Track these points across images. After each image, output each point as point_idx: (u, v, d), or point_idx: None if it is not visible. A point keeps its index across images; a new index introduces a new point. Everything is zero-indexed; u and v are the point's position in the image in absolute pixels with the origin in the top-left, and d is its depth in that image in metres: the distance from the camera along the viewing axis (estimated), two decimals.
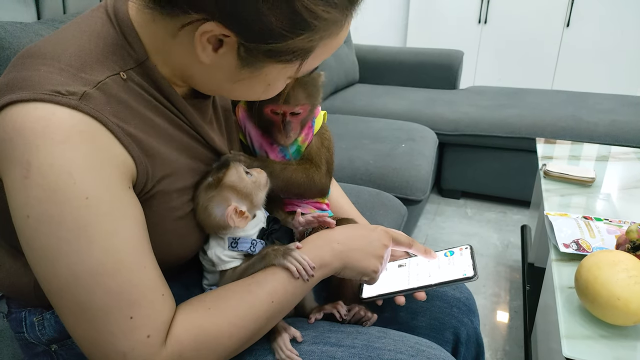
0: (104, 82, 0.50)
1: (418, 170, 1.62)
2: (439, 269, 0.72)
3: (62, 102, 0.46)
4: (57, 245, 0.46)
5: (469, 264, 0.71)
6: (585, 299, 0.74)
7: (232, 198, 0.62)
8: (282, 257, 0.60)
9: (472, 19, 3.50)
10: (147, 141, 0.53)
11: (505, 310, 1.63)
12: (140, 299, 0.50)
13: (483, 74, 3.60)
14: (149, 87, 0.55)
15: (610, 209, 1.15)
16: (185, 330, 0.53)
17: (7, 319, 0.65)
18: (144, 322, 0.50)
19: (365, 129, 1.96)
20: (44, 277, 0.48)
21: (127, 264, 0.49)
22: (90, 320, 0.48)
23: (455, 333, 0.78)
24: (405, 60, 2.83)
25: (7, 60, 0.85)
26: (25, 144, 0.45)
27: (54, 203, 0.45)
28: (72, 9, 1.19)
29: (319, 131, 0.78)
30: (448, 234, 2.09)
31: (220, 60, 0.52)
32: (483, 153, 2.22)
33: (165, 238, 0.58)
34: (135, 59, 0.54)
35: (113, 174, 0.49)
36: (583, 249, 0.90)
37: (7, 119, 0.46)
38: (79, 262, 0.46)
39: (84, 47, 0.51)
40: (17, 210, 0.47)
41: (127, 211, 0.50)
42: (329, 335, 0.66)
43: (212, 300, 0.57)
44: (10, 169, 0.46)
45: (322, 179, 0.77)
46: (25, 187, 0.45)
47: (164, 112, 0.57)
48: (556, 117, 2.12)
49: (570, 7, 3.25)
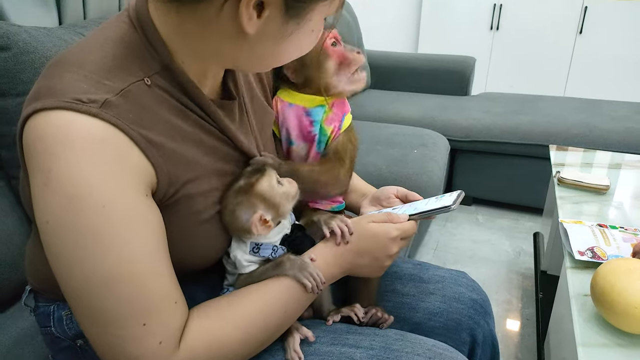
0: (127, 89, 0.50)
1: (430, 176, 1.62)
2: (426, 205, 0.73)
3: (82, 109, 0.46)
4: (73, 252, 0.47)
5: (452, 199, 0.71)
6: (602, 307, 0.74)
7: (260, 206, 0.62)
8: (299, 270, 0.62)
9: (484, 25, 3.50)
10: (170, 146, 0.54)
11: (517, 317, 1.63)
12: (153, 307, 0.50)
13: (495, 80, 3.60)
14: (175, 91, 0.55)
15: (624, 217, 1.14)
16: (198, 337, 0.54)
17: (35, 313, 0.67)
18: (156, 329, 0.51)
19: (378, 135, 1.96)
20: (60, 279, 0.50)
21: (141, 272, 0.50)
22: (103, 325, 0.49)
23: (471, 334, 0.78)
24: (417, 66, 2.83)
25: (33, 63, 0.87)
26: (46, 151, 0.46)
27: (71, 211, 0.46)
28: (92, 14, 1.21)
29: (347, 129, 0.79)
30: (459, 240, 2.09)
31: (266, 24, 0.52)
32: (495, 159, 2.22)
33: (191, 241, 0.59)
34: (159, 62, 0.54)
35: (131, 182, 0.49)
36: (598, 256, 0.90)
37: (32, 126, 0.47)
38: (92, 269, 0.47)
39: (108, 54, 0.52)
40: (38, 215, 0.48)
41: (144, 219, 0.50)
42: (347, 337, 0.67)
43: (226, 307, 0.58)
44: (34, 176, 0.48)
45: (345, 175, 0.78)
46: (45, 194, 0.47)
47: (190, 116, 0.57)
48: (569, 124, 2.11)
49: (584, 14, 3.24)
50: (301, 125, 0.77)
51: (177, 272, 0.55)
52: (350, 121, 0.80)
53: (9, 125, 0.87)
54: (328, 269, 0.65)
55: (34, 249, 0.64)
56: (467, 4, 3.49)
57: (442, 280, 0.82)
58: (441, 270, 0.85)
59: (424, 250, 2.00)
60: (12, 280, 0.87)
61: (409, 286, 0.81)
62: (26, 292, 0.68)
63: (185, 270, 0.55)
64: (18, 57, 0.86)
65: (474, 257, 1.95)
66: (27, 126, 0.48)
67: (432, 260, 1.93)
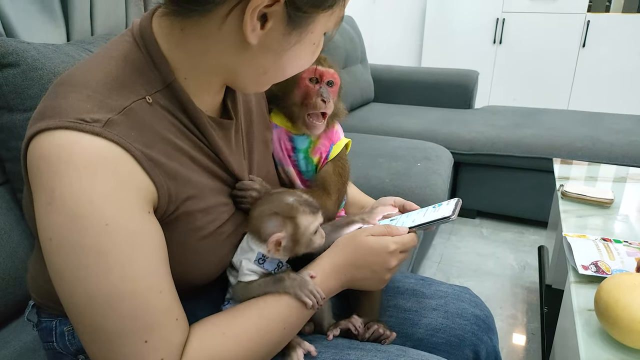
0: (129, 108, 0.51)
1: (433, 189, 1.63)
2: (424, 216, 0.73)
3: (86, 129, 0.47)
4: (76, 270, 0.48)
5: (451, 209, 0.70)
6: (606, 322, 0.74)
7: (287, 231, 0.63)
8: (299, 288, 0.62)
9: (487, 39, 3.52)
10: (170, 164, 0.54)
11: (522, 332, 1.61)
12: (155, 323, 0.51)
13: (498, 94, 3.61)
14: (175, 110, 0.56)
15: (629, 231, 1.14)
16: (199, 354, 0.54)
17: (37, 328, 0.67)
18: (158, 346, 0.51)
19: (381, 148, 1.97)
20: (63, 297, 0.50)
21: (143, 290, 0.50)
22: (105, 342, 0.49)
23: (474, 351, 0.78)
24: (420, 79, 2.85)
25: (40, 79, 0.88)
26: (50, 170, 0.47)
27: (74, 229, 0.47)
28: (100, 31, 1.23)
29: (335, 158, 0.79)
30: (463, 253, 2.08)
31: (268, 35, 0.52)
32: (499, 173, 2.22)
33: (192, 257, 0.60)
34: (161, 81, 0.55)
35: (134, 199, 0.50)
36: (602, 271, 0.90)
37: (36, 146, 0.48)
38: (95, 287, 0.48)
39: (111, 73, 0.53)
40: (42, 232, 0.49)
41: (146, 237, 0.51)
42: (349, 353, 0.67)
43: (226, 324, 0.58)
44: (38, 194, 0.48)
45: (332, 205, 0.78)
46: (48, 213, 0.47)
47: (188, 135, 0.58)
48: (573, 137, 2.12)
49: (586, 28, 3.26)
50: (282, 148, 0.78)
51: (178, 288, 0.55)
52: (340, 149, 0.80)
53: (16, 140, 0.89)
54: (327, 283, 0.65)
55: (36, 265, 0.65)
56: (470, 18, 3.53)
57: (445, 296, 0.82)
58: (444, 286, 0.84)
59: (428, 264, 1.99)
60: (17, 294, 0.88)
61: (411, 301, 0.81)
62: (29, 307, 0.68)
63: (186, 287, 0.56)
64: (27, 73, 0.87)
65: (479, 271, 1.94)
66: (32, 146, 0.49)
67: (436, 274, 1.92)
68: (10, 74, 0.86)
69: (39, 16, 1.09)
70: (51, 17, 1.11)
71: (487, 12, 3.47)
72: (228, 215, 0.63)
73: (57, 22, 1.13)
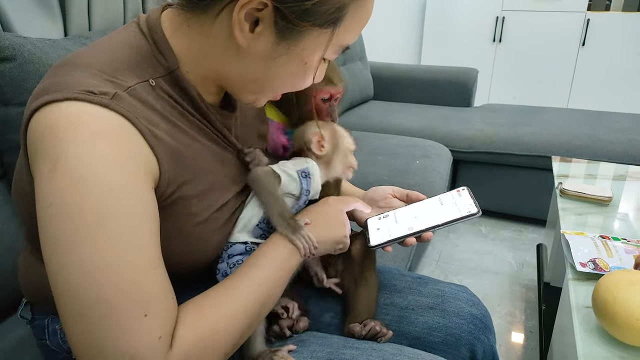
0: (133, 88, 0.51)
1: (432, 187, 1.62)
2: (444, 210, 0.73)
3: (94, 100, 0.47)
4: (76, 235, 0.45)
5: (471, 202, 0.72)
6: (603, 319, 0.73)
7: (326, 135, 0.71)
8: (292, 232, 0.63)
9: (486, 37, 3.52)
10: (172, 145, 0.54)
11: (520, 330, 1.61)
12: (154, 297, 0.48)
13: (498, 92, 3.61)
14: (177, 96, 0.57)
15: (627, 229, 1.14)
16: (188, 332, 0.51)
17: (31, 325, 0.67)
18: (157, 322, 0.48)
19: (380, 145, 1.97)
20: (57, 269, 0.47)
21: (143, 261, 0.48)
22: (97, 318, 0.45)
23: (471, 350, 0.77)
24: (419, 77, 2.85)
25: (36, 73, 0.88)
26: (55, 139, 0.46)
27: (78, 192, 0.45)
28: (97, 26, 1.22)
29: None
30: (461, 251, 2.08)
31: (258, 41, 0.53)
32: (498, 171, 2.22)
33: (186, 244, 0.59)
34: (165, 68, 0.56)
35: (140, 171, 0.49)
36: (600, 268, 0.89)
37: (41, 118, 0.47)
38: (95, 253, 0.45)
39: (116, 56, 0.53)
40: (41, 202, 0.47)
41: (148, 210, 0.50)
42: (344, 352, 0.66)
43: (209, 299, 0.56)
44: (39, 165, 0.47)
45: None
46: (50, 180, 0.46)
47: (189, 119, 0.59)
48: (572, 135, 2.11)
49: (586, 26, 3.25)
50: (276, 141, 0.78)
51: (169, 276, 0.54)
52: None
53: (12, 133, 0.89)
54: None
55: (26, 261, 0.64)
56: (470, 16, 3.52)
57: (442, 295, 0.81)
58: (441, 285, 0.84)
59: (427, 262, 1.99)
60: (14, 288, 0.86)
61: (408, 300, 0.81)
62: (22, 304, 0.68)
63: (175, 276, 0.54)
64: (23, 67, 0.87)
65: (477, 269, 1.94)
66: (35, 118, 0.48)
67: (435, 272, 1.92)
68: (7, 67, 0.86)
69: (36, 11, 1.08)
70: (49, 12, 1.11)
71: (487, 10, 3.46)
72: (223, 202, 0.63)
73: (54, 17, 1.12)
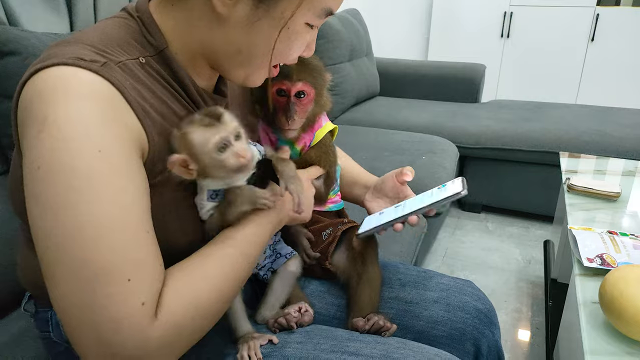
0: (123, 62, 0.52)
1: (438, 183, 1.60)
2: (432, 196, 0.73)
3: (84, 65, 0.47)
4: (65, 195, 0.44)
5: (460, 185, 0.71)
6: (611, 315, 0.72)
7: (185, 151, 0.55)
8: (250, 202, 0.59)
9: (494, 32, 3.49)
10: (160, 122, 0.54)
11: (527, 326, 1.60)
12: (141, 260, 0.47)
13: (505, 87, 3.58)
14: (166, 75, 0.57)
15: (636, 225, 1.12)
16: (175, 300, 0.50)
17: (34, 318, 0.67)
18: (140, 287, 0.46)
19: (386, 141, 1.96)
20: (45, 232, 0.45)
21: (134, 223, 0.47)
22: (87, 281, 0.44)
23: (475, 344, 0.77)
24: (426, 73, 2.83)
25: None
26: (43, 102, 0.46)
27: (67, 152, 0.45)
28: None
29: (317, 144, 0.77)
30: (468, 248, 2.07)
31: (236, 6, 0.54)
32: (505, 167, 2.20)
33: (177, 224, 0.59)
34: (155, 47, 0.57)
35: (127, 136, 0.49)
36: (608, 263, 0.88)
37: (30, 84, 0.48)
38: (86, 213, 0.44)
39: (106, 35, 0.54)
40: (28, 165, 0.46)
41: (136, 175, 0.49)
42: (348, 344, 0.66)
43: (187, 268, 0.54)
44: (27, 131, 0.47)
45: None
46: (38, 142, 0.45)
47: (181, 102, 0.59)
48: (580, 131, 2.09)
49: (595, 22, 3.22)
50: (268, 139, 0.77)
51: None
52: (324, 134, 0.78)
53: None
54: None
55: (25, 255, 0.64)
56: (477, 12, 3.49)
57: (447, 289, 0.81)
58: (446, 279, 0.83)
59: (433, 258, 1.98)
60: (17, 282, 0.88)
61: (412, 294, 0.80)
62: (25, 297, 0.68)
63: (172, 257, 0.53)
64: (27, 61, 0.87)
65: (483, 265, 1.93)
66: (25, 88, 0.48)
67: (441, 268, 1.91)
68: (11, 61, 0.86)
69: (42, 5, 1.08)
70: (54, 7, 1.11)
71: (495, 5, 3.43)
72: None
73: (60, 11, 1.12)
